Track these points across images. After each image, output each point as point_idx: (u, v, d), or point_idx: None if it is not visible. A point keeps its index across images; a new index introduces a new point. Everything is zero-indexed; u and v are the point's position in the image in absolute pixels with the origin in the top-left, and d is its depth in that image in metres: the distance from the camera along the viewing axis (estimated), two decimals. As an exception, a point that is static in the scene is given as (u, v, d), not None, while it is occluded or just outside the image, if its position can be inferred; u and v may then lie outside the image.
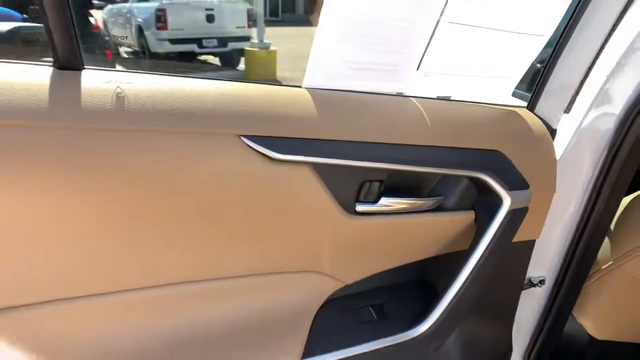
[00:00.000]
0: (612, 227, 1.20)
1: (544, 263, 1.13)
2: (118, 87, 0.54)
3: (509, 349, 1.09)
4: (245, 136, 0.60)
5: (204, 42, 8.37)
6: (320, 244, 0.74)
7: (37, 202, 0.52)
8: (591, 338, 1.32)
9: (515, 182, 0.79)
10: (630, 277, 1.16)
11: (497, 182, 0.78)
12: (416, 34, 0.71)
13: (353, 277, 0.83)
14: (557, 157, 0.96)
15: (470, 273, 0.82)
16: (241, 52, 8.21)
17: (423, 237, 0.83)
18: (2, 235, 0.52)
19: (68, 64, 0.55)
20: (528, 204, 0.81)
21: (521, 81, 0.90)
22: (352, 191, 0.72)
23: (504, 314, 1.06)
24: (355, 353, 0.77)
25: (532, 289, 1.16)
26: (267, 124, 0.62)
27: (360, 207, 0.73)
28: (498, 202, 0.79)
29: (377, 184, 0.73)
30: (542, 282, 1.14)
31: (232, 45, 8.60)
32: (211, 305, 0.70)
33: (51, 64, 0.55)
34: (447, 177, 0.81)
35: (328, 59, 0.68)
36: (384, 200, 0.75)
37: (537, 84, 0.90)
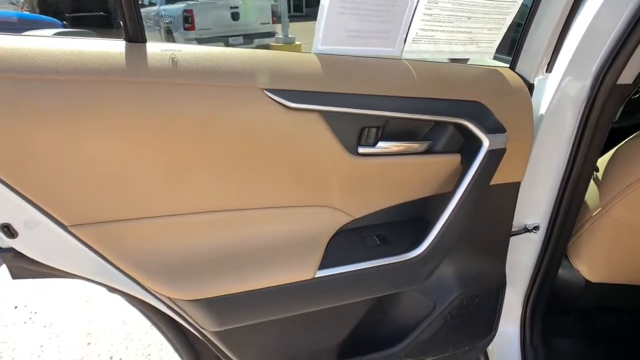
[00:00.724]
0: (599, 176, 1.33)
1: (537, 211, 1.27)
2: (172, 53, 0.73)
3: (502, 285, 1.25)
4: (267, 90, 0.78)
5: (231, 40, 8.64)
6: (330, 181, 0.92)
7: (117, 139, 0.72)
8: (586, 281, 1.44)
9: (493, 127, 0.95)
10: (616, 221, 1.29)
11: (477, 127, 0.93)
12: (404, 5, 0.88)
13: (360, 212, 1.01)
14: (543, 111, 1.10)
15: (455, 207, 0.98)
16: (267, 47, 8.46)
17: (417, 177, 0.99)
18: (94, 165, 0.73)
19: (135, 38, 0.74)
20: (505, 146, 0.97)
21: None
22: (354, 135, 0.90)
23: (496, 253, 1.21)
24: (362, 267, 0.95)
25: (528, 234, 1.30)
26: (285, 80, 0.80)
27: (361, 149, 0.91)
28: (479, 144, 0.95)
29: (375, 129, 0.90)
30: (536, 228, 1.28)
31: (257, 42, 8.84)
32: (245, 229, 0.89)
33: (122, 38, 0.75)
34: (435, 124, 0.97)
35: (331, 29, 0.86)
36: (381, 144, 0.92)
37: (517, 45, 1.05)
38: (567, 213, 1.23)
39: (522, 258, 1.34)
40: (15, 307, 2.32)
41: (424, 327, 1.18)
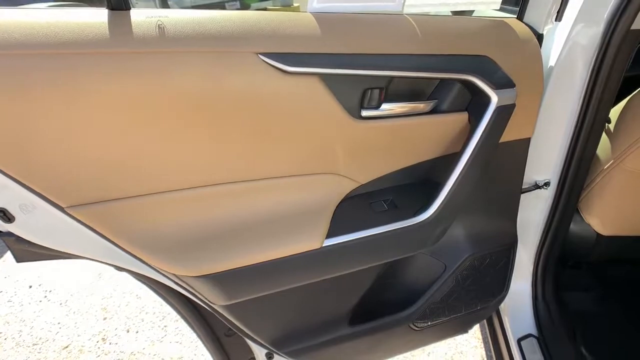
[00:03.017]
0: (611, 127, 1.28)
1: (548, 166, 1.24)
2: (159, 20, 0.69)
3: (514, 243, 1.23)
4: (262, 53, 0.74)
5: (227, 5, 8.37)
6: (334, 148, 0.89)
7: (107, 115, 0.69)
8: (598, 235, 1.43)
9: (502, 82, 0.90)
10: (629, 172, 1.25)
11: (485, 82, 0.89)
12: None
13: (366, 178, 0.98)
14: (552, 62, 1.05)
15: (463, 167, 0.95)
16: (264, 10, 8.19)
17: (423, 138, 0.96)
18: (86, 143, 0.70)
19: (118, 5, 0.70)
20: (514, 101, 0.92)
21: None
22: (356, 98, 0.86)
23: (507, 211, 1.19)
24: (370, 234, 0.93)
25: (538, 191, 1.28)
26: (280, 43, 0.76)
27: (365, 112, 0.87)
28: (487, 100, 0.91)
29: (377, 90, 0.86)
30: (547, 184, 1.25)
31: (255, 6, 8.57)
32: (249, 201, 0.87)
33: (105, 6, 0.70)
34: (441, 82, 0.93)
35: (327, -15, 0.81)
36: (385, 106, 0.88)
37: (525, -6, 0.98)
38: (579, 167, 1.20)
39: (532, 215, 1.31)
40: (30, 287, 2.36)
41: (435, 290, 1.18)
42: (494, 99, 0.90)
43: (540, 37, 0.99)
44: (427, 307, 1.19)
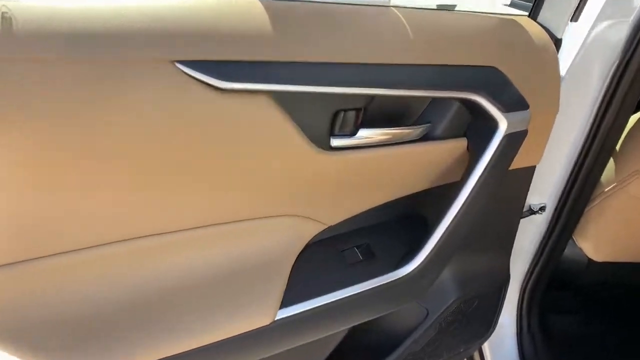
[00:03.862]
0: (616, 147, 1.12)
1: (545, 189, 1.06)
2: (3, 5, 0.42)
3: (506, 280, 1.05)
4: (180, 62, 0.49)
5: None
6: (294, 185, 0.66)
7: None
8: (589, 260, 1.28)
9: (513, 102, 0.69)
10: (634, 198, 1.10)
11: (492, 103, 0.68)
12: None
13: (335, 218, 0.76)
14: (562, 72, 0.85)
15: (463, 204, 0.74)
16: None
17: (411, 170, 0.74)
18: None
19: None
20: (527, 127, 0.72)
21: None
22: (324, 123, 0.63)
23: (502, 245, 1.00)
24: (339, 297, 0.72)
25: (532, 216, 1.10)
26: (208, 45, 0.51)
27: (335, 142, 0.64)
28: (493, 125, 0.70)
29: (353, 113, 0.63)
30: (542, 209, 1.08)
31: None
32: (172, 262, 0.63)
33: None
34: (435, 101, 0.71)
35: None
36: (363, 132, 0.66)
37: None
38: (582, 191, 1.03)
39: (522, 242, 1.14)
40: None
41: (415, 338, 0.99)
42: (503, 124, 0.69)
43: (558, 43, 0.78)
44: (405, 357, 1.00)
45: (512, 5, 1.02)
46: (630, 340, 1.36)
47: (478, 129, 0.72)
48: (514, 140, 0.71)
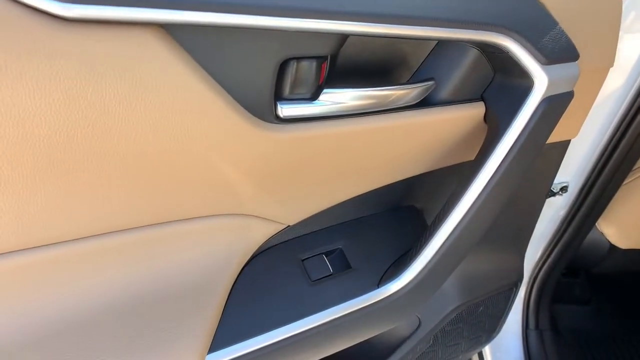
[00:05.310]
0: None
1: (569, 165, 0.85)
2: None
3: (519, 279, 0.85)
4: None
5: None
6: (229, 172, 0.43)
7: None
8: (612, 247, 1.09)
9: (557, 50, 0.46)
10: None
11: (527, 49, 0.45)
12: None
13: (296, 216, 0.54)
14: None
15: (481, 194, 0.52)
16: None
17: (403, 148, 0.52)
18: None
19: None
20: (573, 87, 0.49)
21: None
22: (264, 80, 0.39)
23: (518, 240, 0.80)
24: (296, 331, 0.51)
25: (550, 199, 0.89)
26: None
27: (285, 110, 0.41)
28: (526, 84, 0.47)
29: (313, 63, 0.40)
30: (564, 189, 0.87)
31: None
32: (53, 288, 0.41)
33: None
34: (440, 46, 0.48)
35: None
36: (329, 95, 0.42)
37: None
38: (617, 169, 0.82)
39: (538, 228, 0.94)
40: None
41: (404, 354, 0.79)
42: (541, 82, 0.46)
43: None
44: None
45: None
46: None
47: (503, 90, 0.49)
48: (555, 107, 0.48)
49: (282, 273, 0.54)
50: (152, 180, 0.40)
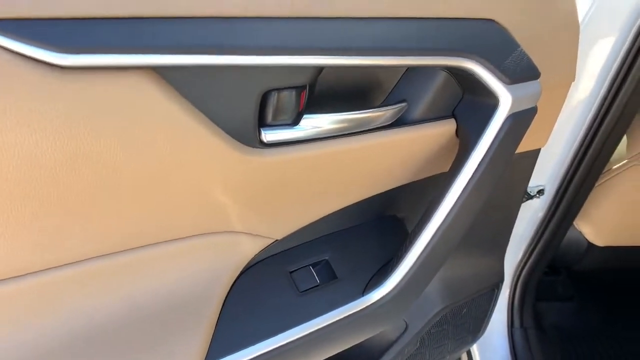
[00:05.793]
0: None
1: (544, 170, 0.89)
2: None
3: (499, 282, 0.89)
4: None
5: None
6: (218, 194, 0.47)
7: None
8: (590, 245, 1.14)
9: (520, 70, 0.50)
10: None
11: (491, 71, 0.48)
12: None
13: (283, 230, 0.57)
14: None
15: (454, 205, 0.56)
16: None
17: (381, 165, 0.55)
18: None
19: None
20: (536, 102, 0.53)
21: None
22: (248, 110, 0.42)
23: (497, 242, 0.83)
24: (287, 340, 0.54)
25: (528, 201, 0.93)
26: None
27: (269, 135, 0.44)
28: (492, 103, 0.51)
29: (292, 93, 0.43)
30: (540, 192, 0.91)
31: None
32: (62, 303, 0.44)
33: None
34: (411, 71, 0.51)
35: None
36: (308, 120, 0.46)
37: None
38: (589, 172, 0.86)
39: (516, 230, 0.98)
40: None
41: (393, 355, 0.83)
42: (506, 100, 0.50)
43: None
44: None
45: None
46: (627, 327, 1.24)
47: (471, 107, 0.53)
48: (519, 122, 0.52)
49: (271, 286, 0.57)
50: (145, 206, 0.43)
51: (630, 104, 0.74)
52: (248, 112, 0.42)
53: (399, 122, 0.52)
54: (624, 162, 0.95)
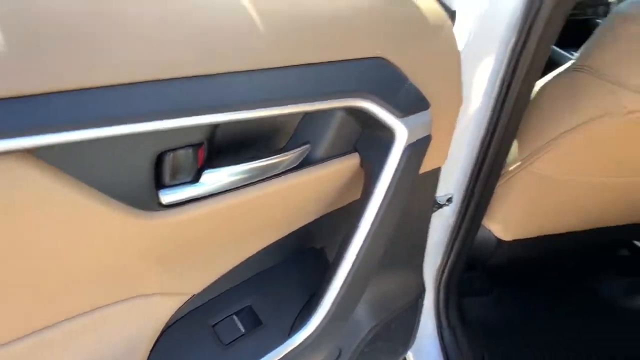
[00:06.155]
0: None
1: (450, 180, 0.95)
2: None
3: (422, 290, 0.93)
4: None
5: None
6: (121, 262, 0.44)
7: None
8: (499, 241, 1.23)
9: (411, 103, 0.53)
10: (538, 175, 1.03)
11: (384, 107, 0.50)
12: None
13: (200, 284, 0.55)
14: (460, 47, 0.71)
15: (369, 230, 0.57)
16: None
17: (292, 205, 0.55)
18: None
19: None
20: (430, 131, 0.56)
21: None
22: (142, 174, 0.40)
23: (414, 255, 0.87)
24: None
25: (440, 210, 0.99)
26: None
27: (167, 196, 0.42)
28: (389, 136, 0.53)
29: (188, 152, 0.42)
30: (449, 200, 0.97)
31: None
32: None
33: None
34: (309, 114, 0.52)
35: None
36: (209, 175, 0.44)
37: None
38: (489, 176, 0.93)
39: (432, 238, 1.03)
40: None
41: None
42: (401, 133, 0.52)
43: (452, 17, 0.63)
44: None
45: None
46: (541, 316, 1.35)
47: (371, 141, 0.55)
48: (416, 151, 0.55)
49: (194, 343, 0.55)
50: (48, 284, 0.39)
51: (514, 115, 0.81)
52: (142, 177, 0.40)
53: (304, 163, 0.52)
54: (518, 164, 1.04)
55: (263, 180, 0.48)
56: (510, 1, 0.69)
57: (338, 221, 0.67)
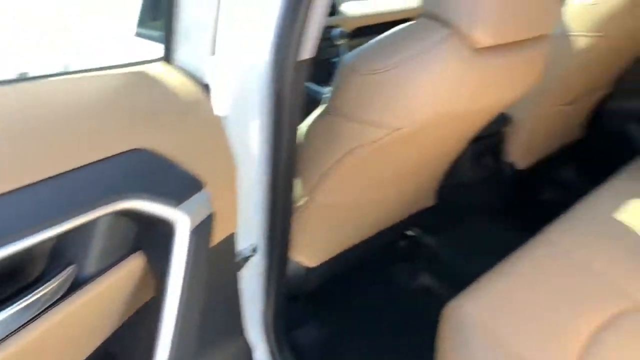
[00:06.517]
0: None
1: (249, 230, 0.96)
2: None
3: (250, 349, 0.91)
4: None
5: None
6: None
7: None
8: (308, 268, 1.31)
9: (184, 188, 0.51)
10: (322, 204, 1.14)
11: (155, 200, 0.47)
12: None
13: None
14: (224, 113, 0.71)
15: (177, 319, 0.53)
16: None
17: (85, 325, 0.47)
18: None
19: None
20: (211, 209, 0.55)
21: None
22: None
23: (232, 322, 0.85)
24: None
25: (248, 262, 0.99)
26: None
27: None
28: (169, 229, 0.50)
29: None
30: (255, 250, 0.98)
31: None
32: None
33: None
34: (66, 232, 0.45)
35: None
36: None
37: (167, 23, 0.59)
38: (283, 217, 0.98)
39: (247, 291, 1.03)
40: None
41: None
42: (182, 222, 0.50)
43: (207, 89, 0.63)
44: None
45: (139, 36, 0.82)
46: (362, 332, 1.46)
47: (152, 237, 0.50)
48: (202, 232, 0.53)
49: None
50: None
51: (288, 159, 0.86)
52: None
53: (76, 284, 0.45)
54: (305, 198, 1.12)
55: (29, 322, 0.39)
56: (258, 61, 0.72)
57: (132, 326, 0.59)
